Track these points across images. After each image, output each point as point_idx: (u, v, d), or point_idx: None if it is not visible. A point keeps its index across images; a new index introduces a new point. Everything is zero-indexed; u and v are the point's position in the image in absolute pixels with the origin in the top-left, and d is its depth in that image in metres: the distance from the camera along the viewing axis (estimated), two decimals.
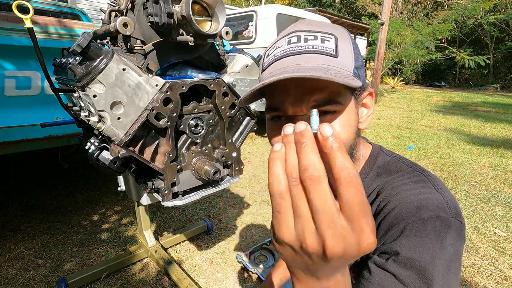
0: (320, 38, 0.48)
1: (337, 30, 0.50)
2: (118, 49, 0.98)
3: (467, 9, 13.18)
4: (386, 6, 8.13)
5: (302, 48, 0.48)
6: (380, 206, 0.55)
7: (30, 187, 2.84)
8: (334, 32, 0.49)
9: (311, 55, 0.47)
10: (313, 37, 0.48)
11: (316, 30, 0.49)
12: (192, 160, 1.12)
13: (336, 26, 0.52)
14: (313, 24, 0.50)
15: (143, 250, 1.85)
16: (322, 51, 0.47)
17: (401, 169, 0.59)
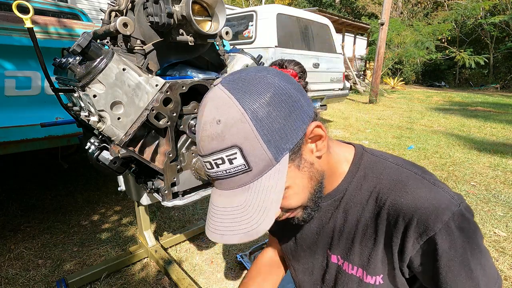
0: (227, 160, 0.46)
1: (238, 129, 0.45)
2: (118, 49, 0.98)
3: (467, 9, 13.19)
4: (386, 6, 8.14)
5: (220, 173, 0.48)
6: (393, 216, 0.54)
7: (30, 187, 2.84)
8: (236, 140, 0.45)
9: (230, 179, 0.48)
10: (221, 161, 0.47)
11: (219, 149, 0.46)
12: (192, 160, 1.12)
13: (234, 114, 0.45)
14: (212, 134, 0.46)
15: (143, 250, 1.85)
16: (235, 173, 0.47)
17: (390, 169, 0.59)
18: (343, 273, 0.64)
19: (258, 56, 1.23)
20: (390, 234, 0.55)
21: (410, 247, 0.52)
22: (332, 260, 0.66)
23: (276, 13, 4.38)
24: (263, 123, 0.45)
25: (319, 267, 0.70)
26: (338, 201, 0.63)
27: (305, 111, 0.49)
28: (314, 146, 0.53)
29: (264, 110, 0.45)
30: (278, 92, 0.47)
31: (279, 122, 0.46)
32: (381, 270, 0.58)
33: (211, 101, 0.48)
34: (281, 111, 0.47)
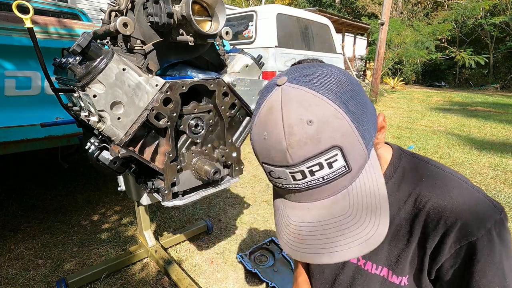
0: (325, 164, 0.40)
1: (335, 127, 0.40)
2: (118, 49, 0.98)
3: (467, 9, 13.18)
4: (386, 6, 8.13)
5: (313, 183, 0.42)
6: (433, 219, 0.53)
7: (30, 187, 2.84)
8: (334, 139, 0.40)
9: (325, 187, 0.43)
10: (318, 167, 0.41)
11: (315, 154, 0.40)
12: (192, 160, 1.12)
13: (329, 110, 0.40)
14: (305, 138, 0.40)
15: (143, 250, 1.85)
16: (334, 177, 0.42)
17: (432, 172, 0.57)
18: (364, 273, 0.63)
19: (258, 56, 1.23)
20: (426, 235, 0.54)
21: (447, 249, 0.52)
22: (351, 260, 0.64)
23: (276, 13, 4.38)
24: (355, 116, 0.41)
25: (332, 267, 0.69)
26: None
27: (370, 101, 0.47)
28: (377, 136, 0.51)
29: (351, 103, 0.42)
30: (351, 84, 0.44)
31: (363, 113, 0.43)
32: (408, 271, 0.57)
33: (290, 102, 0.41)
34: (360, 102, 0.43)
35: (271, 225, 2.32)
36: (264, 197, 2.79)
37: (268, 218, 2.41)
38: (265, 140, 0.44)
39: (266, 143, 0.43)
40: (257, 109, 0.47)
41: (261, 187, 3.00)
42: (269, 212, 2.51)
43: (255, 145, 0.47)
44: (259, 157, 0.47)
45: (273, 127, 0.42)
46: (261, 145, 0.45)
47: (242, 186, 3.03)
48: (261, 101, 0.46)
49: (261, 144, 0.45)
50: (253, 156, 3.96)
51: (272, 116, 0.42)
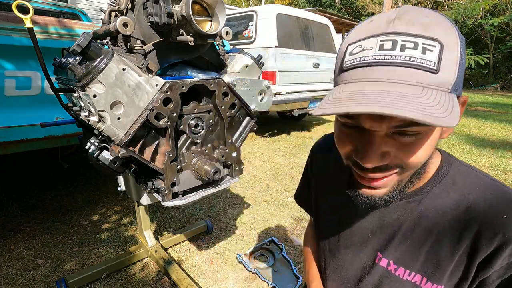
0: (421, 47, 0.39)
1: (446, 33, 0.40)
2: (118, 49, 0.98)
3: (467, 9, 13.19)
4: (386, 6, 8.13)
5: (397, 59, 0.39)
6: (488, 231, 0.51)
7: (30, 187, 2.84)
8: (440, 37, 0.39)
9: (406, 70, 0.39)
10: (413, 45, 0.39)
11: (417, 34, 0.39)
12: (192, 160, 1.12)
13: (446, 25, 0.41)
14: (416, 21, 0.40)
15: (143, 250, 1.85)
16: (421, 64, 0.39)
17: (486, 182, 0.55)
18: (393, 278, 0.60)
19: (258, 56, 1.23)
20: (477, 246, 0.52)
21: (499, 261, 0.51)
22: (381, 264, 0.62)
23: (276, 13, 4.38)
24: (462, 51, 0.41)
25: (358, 268, 0.67)
26: (414, 202, 0.57)
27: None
28: None
29: (460, 38, 0.41)
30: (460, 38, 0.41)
31: (463, 58, 0.41)
32: (446, 280, 0.55)
33: (413, 9, 0.43)
34: (462, 50, 0.41)
35: (271, 225, 2.32)
36: (264, 197, 2.79)
37: (268, 218, 2.41)
38: (369, 23, 0.45)
39: (369, 24, 0.45)
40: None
41: (261, 187, 3.00)
42: (269, 212, 2.51)
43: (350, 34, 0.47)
44: (348, 40, 0.46)
45: (385, 14, 0.44)
46: (360, 28, 0.46)
47: (242, 186, 3.03)
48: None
49: (361, 28, 0.46)
50: (253, 156, 3.97)
51: (389, 11, 0.44)
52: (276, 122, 6.20)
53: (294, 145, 4.56)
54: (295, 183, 3.10)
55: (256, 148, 4.38)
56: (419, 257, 0.57)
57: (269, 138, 4.98)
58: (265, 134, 5.25)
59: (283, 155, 4.08)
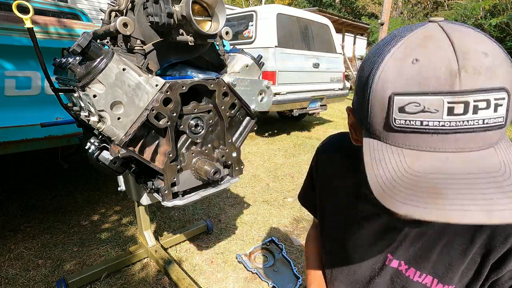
0: (493, 104, 0.34)
1: (507, 71, 0.35)
2: (118, 49, 0.98)
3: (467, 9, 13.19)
4: (386, 6, 8.14)
5: (470, 124, 0.34)
6: (502, 232, 0.50)
7: (30, 187, 2.84)
8: (506, 82, 0.34)
9: (479, 134, 0.35)
10: (486, 104, 0.34)
11: (487, 88, 0.33)
12: (192, 160, 1.12)
13: (502, 58, 0.35)
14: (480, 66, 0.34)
15: (143, 250, 1.85)
16: (493, 125, 0.35)
17: None
18: (404, 279, 0.60)
19: (258, 56, 1.23)
20: (490, 247, 0.51)
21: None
22: (391, 265, 0.62)
23: (276, 13, 4.38)
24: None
25: (368, 269, 0.66)
26: None
27: None
28: None
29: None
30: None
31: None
32: (457, 281, 0.55)
33: (459, 32, 0.36)
34: None
35: (271, 225, 2.32)
36: (264, 197, 2.79)
37: (268, 218, 2.41)
38: (415, 64, 0.36)
39: (416, 67, 0.36)
40: (396, 40, 0.39)
41: (261, 187, 3.00)
42: (269, 212, 2.51)
43: (386, 71, 0.38)
44: (389, 85, 0.37)
45: (435, 51, 0.35)
46: (403, 70, 0.36)
47: (242, 186, 3.03)
48: (402, 34, 0.39)
49: (403, 69, 0.36)
50: (253, 156, 3.97)
51: (433, 41, 0.35)
52: (276, 122, 6.20)
53: (294, 145, 4.56)
54: (295, 183, 3.10)
55: (256, 148, 4.38)
56: (431, 257, 0.56)
57: (269, 138, 4.98)
58: (265, 134, 5.25)
59: (283, 155, 4.08)
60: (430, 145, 0.36)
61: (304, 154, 4.10)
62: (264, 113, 5.61)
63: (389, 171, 0.38)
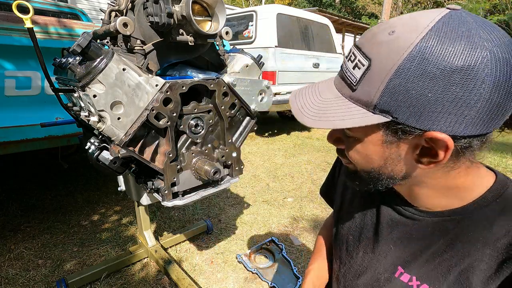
0: (356, 61, 0.44)
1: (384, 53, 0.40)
2: (118, 49, 0.98)
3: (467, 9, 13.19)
4: (386, 6, 8.13)
5: (344, 69, 0.48)
6: None
7: (30, 187, 2.84)
8: (374, 57, 0.41)
9: (342, 80, 0.48)
10: (353, 57, 0.45)
11: (361, 49, 0.44)
12: (192, 160, 1.12)
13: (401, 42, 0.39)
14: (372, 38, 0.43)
15: (143, 250, 1.85)
16: (347, 78, 0.46)
17: None
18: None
19: (258, 56, 1.23)
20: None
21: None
22: (401, 278, 0.58)
23: (276, 13, 4.38)
24: (410, 74, 0.38)
25: (374, 277, 0.63)
26: (451, 222, 0.52)
27: (470, 124, 0.39)
28: (418, 148, 0.45)
29: (432, 70, 0.37)
30: (479, 73, 0.36)
31: (427, 93, 0.38)
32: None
33: (415, 16, 0.41)
34: (447, 89, 0.37)
35: (271, 225, 2.32)
36: (264, 197, 2.79)
37: (268, 218, 2.41)
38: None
39: None
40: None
41: (261, 187, 3.00)
42: (269, 212, 2.51)
43: None
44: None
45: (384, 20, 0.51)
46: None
47: (242, 186, 3.03)
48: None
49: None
50: (253, 156, 3.97)
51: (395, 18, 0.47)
52: (276, 122, 6.20)
53: (294, 145, 4.56)
54: (295, 183, 3.10)
55: (256, 148, 4.38)
56: (447, 278, 0.52)
57: (269, 138, 4.98)
58: (265, 134, 5.25)
59: (283, 155, 4.08)
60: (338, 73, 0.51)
61: (304, 154, 4.10)
62: (264, 113, 5.61)
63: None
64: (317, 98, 0.50)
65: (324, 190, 0.92)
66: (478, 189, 0.51)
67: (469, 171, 0.50)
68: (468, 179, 0.50)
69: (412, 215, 0.57)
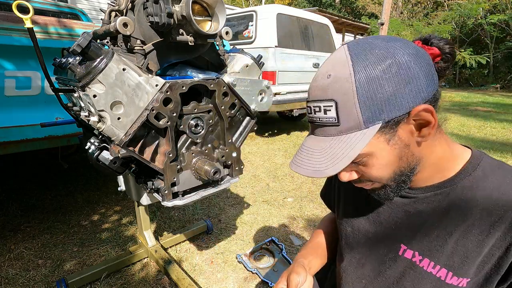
0: (323, 109, 0.52)
1: (339, 89, 0.50)
2: (118, 49, 0.97)
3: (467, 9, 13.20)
4: (386, 6, 8.13)
5: (315, 119, 0.55)
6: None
7: (30, 187, 2.84)
8: (335, 96, 0.50)
9: (321, 128, 0.55)
10: (318, 109, 0.53)
11: (320, 99, 0.53)
12: (192, 160, 1.12)
13: (342, 76, 0.50)
14: (321, 86, 0.53)
15: (143, 250, 1.85)
16: (327, 122, 0.53)
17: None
18: (418, 270, 0.60)
19: (258, 56, 1.23)
20: (509, 237, 0.52)
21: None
22: (405, 255, 0.62)
23: (276, 13, 4.38)
24: (366, 87, 0.48)
25: (379, 260, 0.67)
26: (441, 195, 0.59)
27: (420, 90, 0.49)
28: (414, 127, 0.52)
29: (373, 76, 0.48)
30: (396, 63, 0.48)
31: (384, 91, 0.48)
32: (472, 274, 0.55)
33: (332, 57, 0.53)
34: (391, 82, 0.48)
35: (271, 225, 2.32)
36: (264, 197, 2.79)
37: (268, 218, 2.41)
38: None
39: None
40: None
41: (261, 187, 3.00)
42: (269, 212, 2.51)
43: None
44: None
45: (316, 72, 0.57)
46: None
47: (242, 186, 3.03)
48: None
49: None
50: (253, 156, 3.97)
51: (321, 65, 0.56)
52: (276, 122, 6.20)
53: (294, 145, 4.56)
54: (295, 183, 3.10)
55: (256, 148, 4.38)
56: (445, 248, 0.57)
57: (269, 138, 4.98)
58: (265, 134, 5.25)
59: (283, 155, 4.08)
60: (311, 130, 0.59)
61: None
62: (264, 113, 5.61)
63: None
64: (316, 153, 0.54)
65: (323, 192, 0.96)
66: (459, 162, 0.59)
67: (449, 144, 0.59)
68: (450, 152, 0.59)
69: (407, 194, 0.63)
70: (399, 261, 0.63)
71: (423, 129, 0.51)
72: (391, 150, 0.53)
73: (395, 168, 0.55)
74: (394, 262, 0.64)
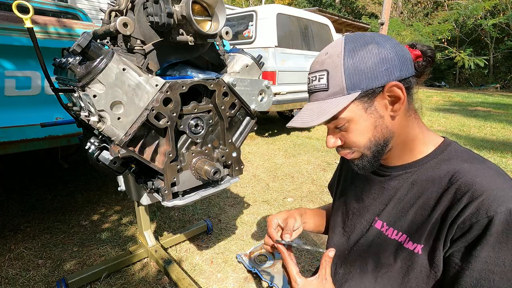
0: (318, 77, 0.65)
1: (332, 62, 0.62)
2: (118, 49, 0.97)
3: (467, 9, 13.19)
4: (386, 6, 8.13)
5: (312, 87, 0.67)
6: (461, 190, 0.57)
7: (30, 187, 2.84)
8: (328, 67, 0.63)
9: (315, 94, 0.66)
10: (315, 78, 0.65)
11: (317, 70, 0.65)
12: (192, 160, 1.12)
13: (335, 53, 0.62)
14: (319, 61, 0.65)
15: (143, 250, 1.85)
16: (320, 89, 0.65)
17: (477, 159, 0.63)
18: (383, 238, 0.70)
19: (258, 56, 1.23)
20: (451, 206, 0.58)
21: (467, 221, 0.54)
22: (375, 225, 0.72)
23: (276, 13, 4.38)
24: (351, 61, 0.60)
25: (359, 232, 0.77)
26: (410, 173, 0.68)
27: (394, 71, 0.60)
28: (388, 102, 0.62)
29: (357, 54, 0.60)
30: (377, 47, 0.60)
31: (365, 66, 0.60)
32: (424, 241, 0.62)
33: (332, 43, 0.66)
34: (371, 60, 0.59)
35: None
36: (264, 197, 2.79)
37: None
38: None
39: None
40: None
41: (261, 187, 3.00)
42: (269, 212, 2.51)
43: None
44: None
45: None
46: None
47: (242, 186, 3.03)
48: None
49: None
50: (253, 156, 3.97)
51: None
52: (276, 122, 6.20)
53: (294, 145, 4.56)
54: (295, 183, 3.10)
55: (256, 148, 4.38)
56: (407, 217, 0.66)
57: (269, 138, 4.98)
58: (265, 134, 5.25)
59: (283, 155, 4.08)
60: (309, 98, 0.70)
61: (304, 154, 4.10)
62: (264, 113, 5.61)
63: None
64: (307, 111, 0.66)
65: (330, 184, 1.05)
66: (429, 147, 0.68)
67: (423, 130, 0.69)
68: (422, 136, 0.69)
69: (383, 172, 0.74)
70: (370, 231, 0.73)
71: (395, 104, 0.62)
72: (368, 117, 0.63)
73: (371, 136, 0.64)
74: (367, 233, 0.74)
